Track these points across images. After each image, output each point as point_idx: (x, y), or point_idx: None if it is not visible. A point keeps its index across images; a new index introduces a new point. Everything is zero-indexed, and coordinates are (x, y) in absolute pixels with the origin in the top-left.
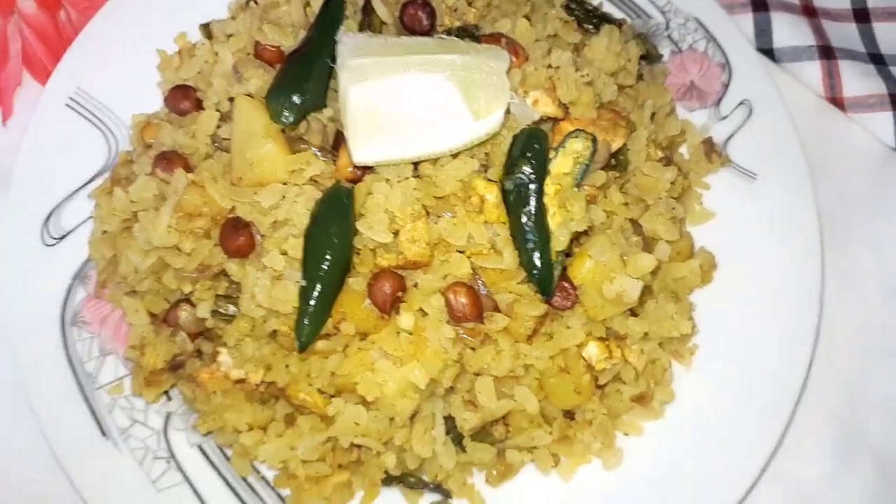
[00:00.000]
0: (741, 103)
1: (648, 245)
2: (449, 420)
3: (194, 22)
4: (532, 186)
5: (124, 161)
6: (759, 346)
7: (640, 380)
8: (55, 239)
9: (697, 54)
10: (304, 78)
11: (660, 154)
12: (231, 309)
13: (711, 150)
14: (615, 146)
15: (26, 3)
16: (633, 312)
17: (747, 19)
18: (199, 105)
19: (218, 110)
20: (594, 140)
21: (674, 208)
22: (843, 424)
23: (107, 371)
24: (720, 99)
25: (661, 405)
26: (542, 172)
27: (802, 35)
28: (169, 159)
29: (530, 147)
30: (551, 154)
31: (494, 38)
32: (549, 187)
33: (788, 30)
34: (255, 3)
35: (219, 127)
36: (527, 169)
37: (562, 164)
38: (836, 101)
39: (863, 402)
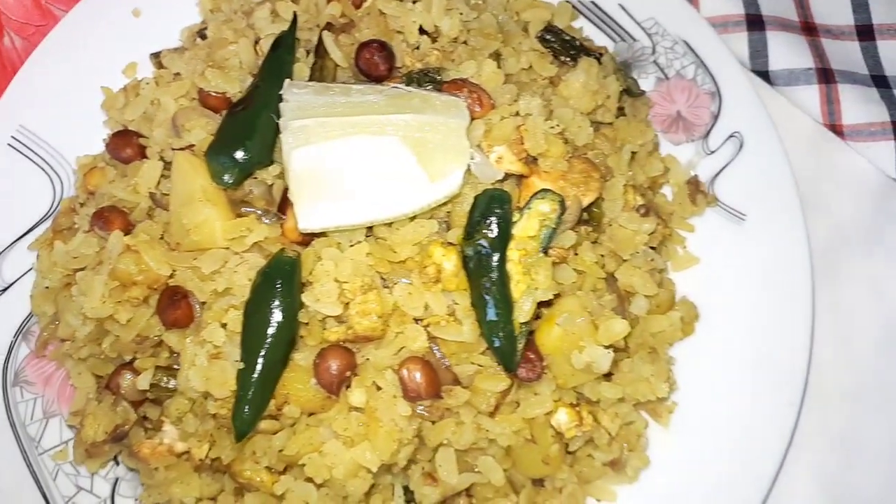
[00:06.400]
0: (731, 136)
1: (624, 300)
2: (409, 492)
3: (147, 50)
4: (494, 254)
5: (67, 209)
6: (743, 404)
7: (614, 444)
8: None
9: (685, 81)
10: (247, 133)
11: (639, 200)
12: (172, 383)
13: (697, 192)
14: (587, 201)
15: None
16: (606, 374)
17: (741, 39)
18: (142, 153)
19: (162, 159)
20: (562, 201)
21: (652, 259)
22: (833, 480)
23: (51, 434)
24: (709, 131)
25: (636, 471)
26: (504, 239)
27: (800, 56)
28: (106, 218)
29: (491, 211)
30: (515, 216)
31: (456, 86)
32: (513, 252)
33: (785, 50)
34: (203, 37)
35: (162, 178)
36: (488, 234)
37: (527, 228)
38: (835, 128)
39: (855, 456)
